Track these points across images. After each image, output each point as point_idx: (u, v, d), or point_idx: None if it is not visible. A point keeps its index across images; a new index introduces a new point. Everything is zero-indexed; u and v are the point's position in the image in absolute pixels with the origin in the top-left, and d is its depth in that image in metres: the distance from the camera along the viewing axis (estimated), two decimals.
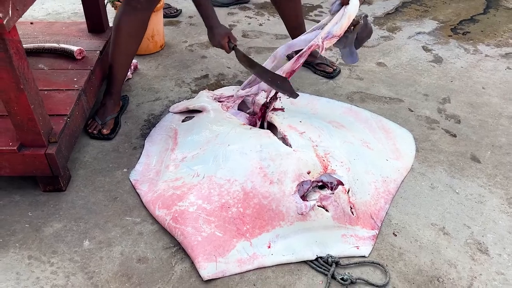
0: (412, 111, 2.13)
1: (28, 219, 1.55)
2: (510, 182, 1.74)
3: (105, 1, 2.23)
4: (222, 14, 3.06)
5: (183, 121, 1.99)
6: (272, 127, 1.80)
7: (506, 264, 1.43)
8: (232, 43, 1.86)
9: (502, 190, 1.70)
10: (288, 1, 2.24)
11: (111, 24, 2.26)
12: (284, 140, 1.70)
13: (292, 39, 2.43)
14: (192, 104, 2.02)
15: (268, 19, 3.03)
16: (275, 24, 2.95)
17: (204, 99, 2.03)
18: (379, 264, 1.41)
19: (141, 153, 1.84)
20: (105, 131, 1.91)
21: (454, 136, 1.98)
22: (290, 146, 1.65)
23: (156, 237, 1.50)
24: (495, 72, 2.46)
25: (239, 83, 2.34)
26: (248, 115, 1.96)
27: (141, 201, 1.62)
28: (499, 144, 1.93)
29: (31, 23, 2.24)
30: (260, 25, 2.95)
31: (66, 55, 1.95)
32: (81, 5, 2.15)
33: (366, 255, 1.44)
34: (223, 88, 2.23)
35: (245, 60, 1.88)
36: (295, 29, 2.36)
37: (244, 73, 2.43)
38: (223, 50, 1.89)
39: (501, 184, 1.73)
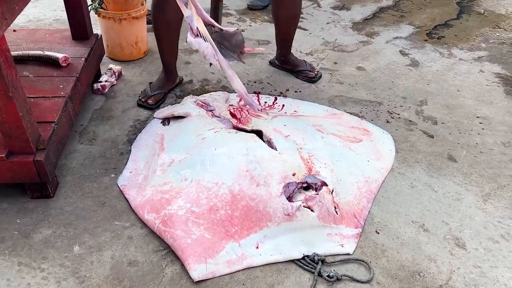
0: (391, 113, 2.21)
1: (17, 226, 1.55)
2: (484, 180, 1.82)
3: (89, 8, 2.25)
4: None
5: (162, 123, 2.03)
6: (257, 131, 1.85)
7: (483, 257, 1.51)
8: None
9: (477, 188, 1.79)
10: (287, 18, 2.32)
11: (95, 31, 2.29)
12: (269, 143, 1.75)
13: (278, 49, 2.50)
14: (177, 110, 2.04)
15: (250, 25, 3.08)
16: (257, 30, 3.01)
17: (189, 105, 2.06)
18: (363, 261, 1.47)
19: (128, 159, 1.86)
20: (150, 101, 2.17)
21: (432, 137, 2.07)
22: (276, 149, 1.70)
23: (145, 241, 1.52)
24: (469, 75, 2.57)
25: (223, 88, 2.38)
26: (232, 121, 1.99)
27: (130, 206, 1.64)
28: (474, 144, 2.02)
29: (14, 30, 2.24)
30: (242, 31, 3.00)
31: (51, 62, 1.96)
32: (62, 11, 2.17)
33: (351, 253, 1.50)
34: (207, 94, 2.27)
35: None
36: (283, 42, 2.46)
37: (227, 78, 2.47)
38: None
39: (476, 182, 1.81)
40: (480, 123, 2.17)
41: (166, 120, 2.04)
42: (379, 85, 2.45)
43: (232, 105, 2.11)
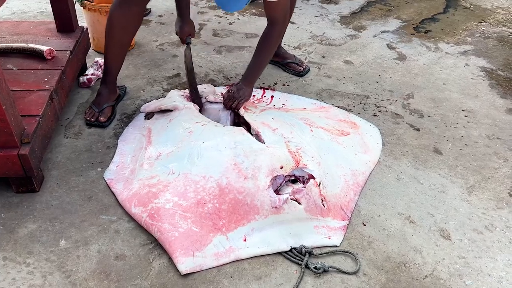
0: (378, 107, 2.23)
1: (2, 220, 1.53)
2: (469, 172, 1.85)
3: (74, 0, 2.21)
4: (192, 13, 3.08)
5: (145, 117, 2.01)
6: (245, 124, 1.85)
7: (467, 248, 1.53)
8: (189, 40, 2.08)
9: (462, 180, 1.81)
10: None
11: (80, 24, 2.26)
12: (257, 136, 1.75)
13: None
14: (164, 104, 2.03)
15: (238, 18, 3.07)
16: (245, 23, 3.00)
17: (176, 98, 2.05)
18: (350, 253, 1.48)
19: (114, 153, 1.84)
20: (102, 119, 1.98)
21: (418, 130, 2.08)
22: (264, 142, 1.70)
23: (133, 235, 1.52)
24: (455, 69, 2.60)
25: (211, 81, 2.37)
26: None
27: (117, 199, 1.63)
28: (459, 136, 2.05)
29: None
30: (230, 24, 2.99)
31: (35, 55, 1.93)
32: (47, 4, 2.13)
33: (338, 245, 1.51)
34: None
35: (187, 61, 2.06)
36: None
37: (215, 71, 2.46)
38: (194, 49, 1.93)
39: (461, 174, 1.84)
40: (465, 116, 2.19)
41: (149, 114, 2.03)
42: (367, 79, 2.46)
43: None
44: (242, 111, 1.92)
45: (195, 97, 2.04)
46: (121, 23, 1.86)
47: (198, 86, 2.23)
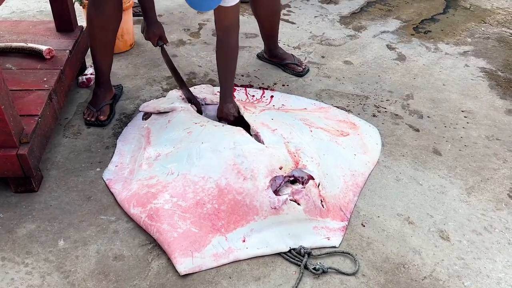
0: (378, 107, 2.22)
1: (0, 220, 1.53)
2: (468, 173, 1.85)
3: (73, 0, 2.21)
4: (191, 13, 3.08)
5: (143, 117, 2.01)
6: (245, 125, 1.84)
7: (466, 249, 1.53)
8: (162, 42, 2.08)
9: (462, 181, 1.81)
10: (268, 16, 2.32)
11: (79, 23, 2.26)
12: (256, 137, 1.74)
13: (265, 44, 2.51)
14: (162, 106, 2.02)
15: None
16: (245, 23, 2.99)
17: (175, 99, 2.05)
18: (349, 254, 1.48)
19: (113, 153, 1.84)
20: (102, 118, 1.98)
21: (417, 130, 2.08)
22: (263, 142, 1.70)
23: (131, 235, 1.52)
24: (454, 70, 2.59)
25: (210, 81, 2.37)
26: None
27: (115, 200, 1.63)
28: (459, 137, 2.05)
29: None
30: None
31: (34, 54, 1.93)
32: (47, 3, 2.13)
33: (337, 246, 1.51)
34: (192, 87, 2.25)
35: (167, 62, 2.10)
36: (269, 38, 2.46)
37: (215, 71, 2.46)
38: (193, 49, 1.93)
39: (460, 175, 1.84)
40: (465, 117, 2.19)
41: (147, 114, 2.02)
42: (366, 79, 2.46)
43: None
44: (241, 111, 1.92)
45: (191, 98, 2.03)
46: (100, 24, 1.84)
47: (197, 86, 2.23)
